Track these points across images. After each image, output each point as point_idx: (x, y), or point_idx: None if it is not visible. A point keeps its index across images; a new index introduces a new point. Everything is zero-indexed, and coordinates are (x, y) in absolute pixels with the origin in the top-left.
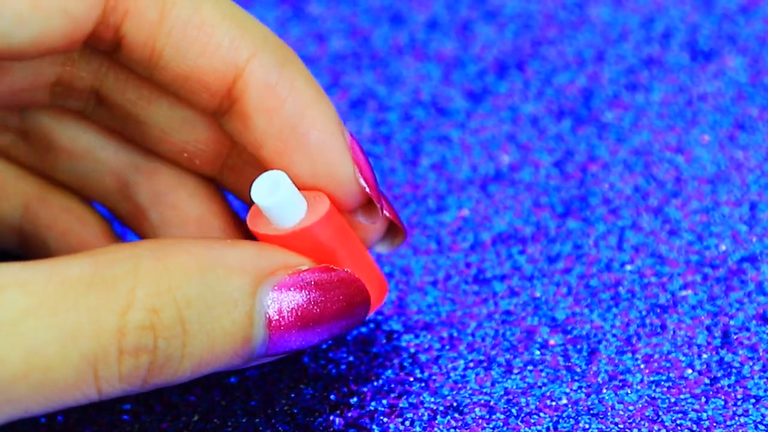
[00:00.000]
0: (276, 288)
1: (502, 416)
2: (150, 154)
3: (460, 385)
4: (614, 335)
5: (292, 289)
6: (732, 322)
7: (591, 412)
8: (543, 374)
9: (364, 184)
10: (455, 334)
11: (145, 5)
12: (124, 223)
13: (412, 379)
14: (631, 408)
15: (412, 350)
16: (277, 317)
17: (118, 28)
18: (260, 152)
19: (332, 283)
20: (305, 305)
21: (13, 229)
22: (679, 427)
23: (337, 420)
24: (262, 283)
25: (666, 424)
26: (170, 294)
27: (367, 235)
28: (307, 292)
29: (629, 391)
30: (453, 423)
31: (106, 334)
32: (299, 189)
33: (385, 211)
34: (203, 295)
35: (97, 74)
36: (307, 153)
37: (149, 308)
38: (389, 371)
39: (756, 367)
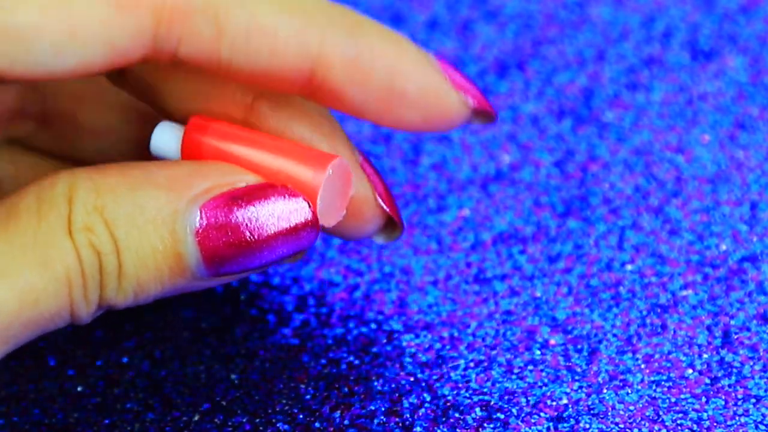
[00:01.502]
0: (204, 205)
1: (502, 416)
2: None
3: (460, 385)
4: (615, 335)
5: (220, 206)
6: (732, 322)
7: (591, 412)
8: (543, 374)
9: (473, 102)
10: (456, 334)
11: (199, 27)
12: None
13: (412, 379)
14: (631, 408)
15: (413, 350)
16: (205, 235)
17: (174, 53)
18: (365, 116)
19: (265, 199)
20: (234, 223)
21: None
22: (679, 427)
23: (337, 420)
24: (193, 202)
25: (666, 424)
26: (98, 213)
27: (364, 224)
28: (236, 210)
29: (630, 391)
30: (453, 423)
31: (69, 255)
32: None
33: (384, 205)
34: (131, 214)
35: None
36: (412, 105)
37: (84, 227)
38: (389, 371)
39: (756, 367)
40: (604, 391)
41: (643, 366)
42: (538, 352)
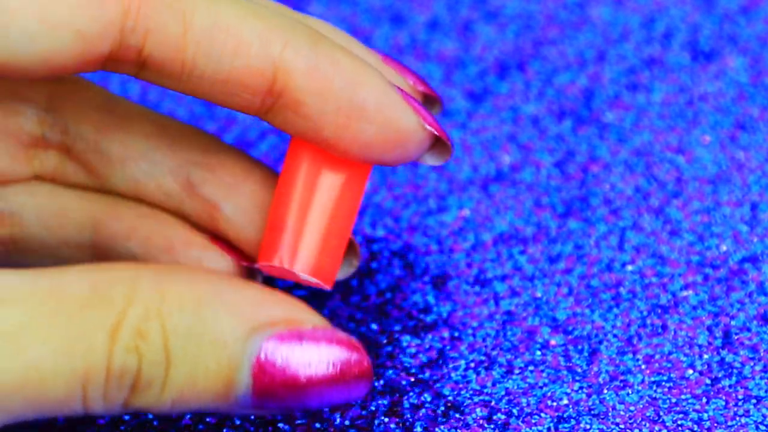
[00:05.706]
0: (269, 339)
1: (502, 416)
2: (206, 148)
3: (460, 386)
4: (615, 335)
5: (285, 344)
6: (733, 323)
7: (592, 412)
8: (544, 374)
9: (431, 128)
10: (456, 335)
11: (165, 21)
12: (192, 221)
13: (412, 379)
14: (632, 408)
15: (413, 350)
16: (263, 369)
17: (141, 49)
18: (322, 134)
19: (328, 346)
20: (295, 363)
21: (83, 248)
22: (680, 428)
23: (337, 420)
24: (257, 332)
25: (667, 424)
26: (159, 320)
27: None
28: (298, 350)
29: (630, 392)
30: (453, 423)
31: (96, 354)
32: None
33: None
34: (193, 329)
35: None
36: (370, 119)
37: (136, 331)
38: (389, 371)
39: (757, 368)
40: (605, 391)
41: (643, 366)
42: (539, 353)
